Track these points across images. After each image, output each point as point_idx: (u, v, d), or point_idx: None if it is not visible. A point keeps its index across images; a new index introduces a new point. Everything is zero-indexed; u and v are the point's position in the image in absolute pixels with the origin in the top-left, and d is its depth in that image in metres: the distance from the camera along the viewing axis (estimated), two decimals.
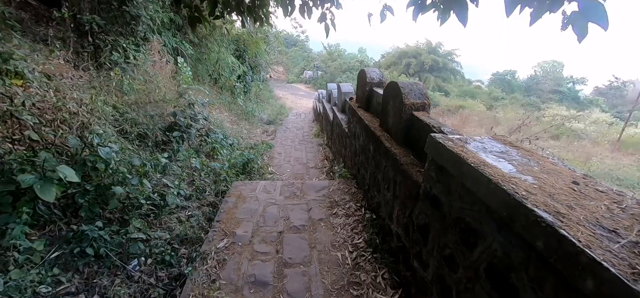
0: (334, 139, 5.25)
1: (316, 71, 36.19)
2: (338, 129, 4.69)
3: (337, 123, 4.86)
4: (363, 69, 3.24)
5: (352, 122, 3.56)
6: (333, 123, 5.38)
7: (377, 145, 2.46)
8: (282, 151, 6.22)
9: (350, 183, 3.31)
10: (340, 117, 4.63)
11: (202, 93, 6.26)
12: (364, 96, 3.24)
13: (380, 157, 2.40)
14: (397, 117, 2.22)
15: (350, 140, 3.69)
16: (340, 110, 4.88)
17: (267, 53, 13.74)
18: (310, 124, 10.80)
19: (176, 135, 3.95)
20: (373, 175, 2.63)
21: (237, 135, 7.68)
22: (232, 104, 10.04)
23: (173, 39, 6.49)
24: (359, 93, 3.48)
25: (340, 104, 4.85)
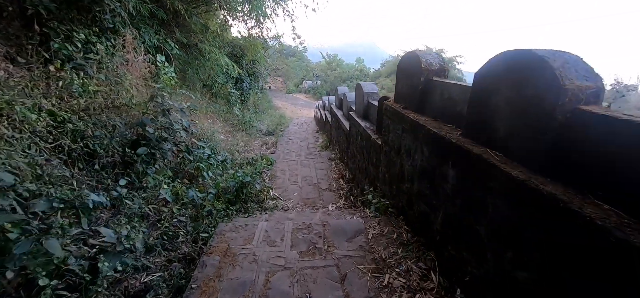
0: (353, 153, 4.15)
1: (315, 81, 35.49)
2: (361, 140, 3.60)
3: (358, 133, 3.77)
4: (411, 52, 2.18)
5: (392, 131, 2.47)
6: (350, 133, 4.28)
7: (472, 170, 1.37)
8: (286, 167, 5.10)
9: (396, 223, 2.19)
10: (362, 124, 3.54)
11: (186, 98, 5.17)
12: (414, 92, 2.16)
13: (481, 191, 1.30)
14: (532, 120, 1.13)
15: (389, 157, 2.59)
16: (362, 117, 3.79)
17: (265, 59, 12.76)
18: (315, 134, 9.72)
19: (143, 153, 2.83)
20: (456, 220, 1.52)
21: (232, 149, 6.56)
22: (227, 114, 8.96)
23: (155, 36, 5.44)
24: (402, 89, 2.40)
25: (362, 109, 3.77)
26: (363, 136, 3.47)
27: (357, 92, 4.00)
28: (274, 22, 8.59)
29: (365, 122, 3.61)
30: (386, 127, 2.61)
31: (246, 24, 9.25)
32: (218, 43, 7.14)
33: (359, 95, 3.90)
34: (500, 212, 1.21)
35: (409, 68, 2.26)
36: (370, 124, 3.50)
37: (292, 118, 17.45)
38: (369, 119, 3.66)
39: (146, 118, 2.98)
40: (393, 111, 2.41)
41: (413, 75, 2.17)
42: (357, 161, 3.90)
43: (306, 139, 8.48)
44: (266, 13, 7.79)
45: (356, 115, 4.03)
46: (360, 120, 3.74)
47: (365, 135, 3.32)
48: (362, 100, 3.74)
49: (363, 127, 3.46)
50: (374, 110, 3.48)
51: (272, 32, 9.72)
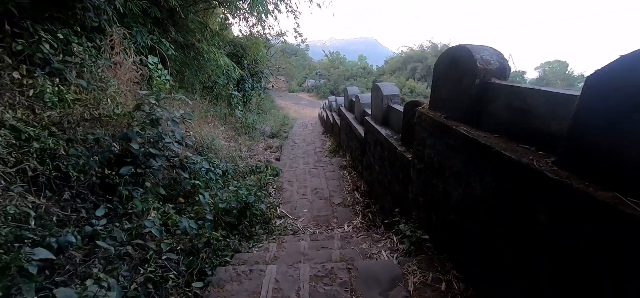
0: (369, 162, 3.68)
1: (318, 79, 35.00)
2: (380, 150, 3.12)
3: (376, 141, 3.29)
4: (459, 47, 1.69)
5: (429, 145, 1.99)
6: (366, 141, 3.80)
7: (599, 228, 0.89)
8: (293, 178, 4.63)
9: (441, 266, 1.71)
10: (382, 132, 3.05)
11: (183, 104, 4.72)
12: (463, 98, 1.67)
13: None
14: None
15: (425, 177, 2.11)
16: (381, 123, 3.31)
17: (268, 58, 12.30)
18: (321, 136, 9.25)
19: (127, 173, 2.38)
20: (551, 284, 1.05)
21: (234, 155, 6.11)
22: (229, 116, 8.53)
23: (149, 35, 5.00)
24: (443, 93, 1.91)
25: (380, 114, 3.28)
26: (384, 146, 2.98)
27: (373, 94, 3.51)
28: (276, 19, 8.11)
29: (386, 129, 3.13)
30: (420, 140, 2.13)
31: (247, 21, 8.80)
32: (217, 42, 6.68)
33: (376, 97, 3.41)
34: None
35: (454, 67, 1.77)
36: (392, 132, 3.01)
37: (296, 118, 17.01)
38: (390, 125, 3.17)
39: (131, 131, 2.53)
40: (432, 121, 1.92)
41: (462, 77, 1.68)
42: (375, 173, 3.42)
43: (312, 142, 8.01)
44: (268, 9, 7.31)
45: (373, 120, 3.54)
46: (378, 127, 3.25)
47: (388, 145, 2.84)
48: (381, 103, 3.25)
49: (384, 136, 2.97)
50: (396, 116, 2.99)
51: (274, 29, 9.25)
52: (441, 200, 1.85)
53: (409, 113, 2.50)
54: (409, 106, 2.45)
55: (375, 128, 3.31)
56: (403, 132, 2.67)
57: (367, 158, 3.80)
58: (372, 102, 3.63)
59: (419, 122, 2.13)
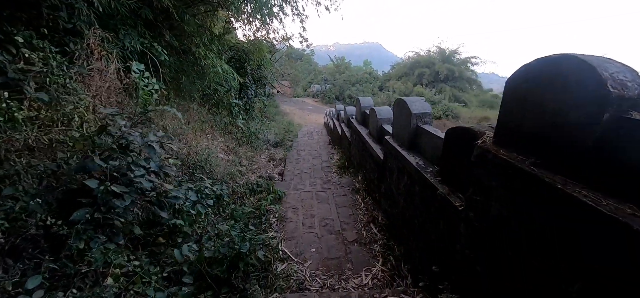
0: (390, 192, 3.05)
1: (324, 84, 34.54)
2: (409, 182, 2.50)
3: (402, 170, 2.67)
4: (573, 57, 1.08)
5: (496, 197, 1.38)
6: (387, 166, 3.18)
7: None
8: (298, 202, 4.02)
9: None
10: (412, 161, 2.43)
11: (171, 118, 4.16)
12: (577, 138, 1.06)
13: None
14: None
15: (491, 242, 1.49)
16: (408, 146, 2.68)
17: (272, 63, 11.80)
18: (327, 147, 8.64)
19: (80, 219, 1.80)
20: None
21: (233, 171, 5.53)
22: (230, 126, 7.98)
23: (139, 39, 4.47)
24: (524, 125, 1.28)
25: (407, 135, 2.66)
26: (414, 179, 2.36)
27: (397, 110, 2.89)
28: (281, 22, 7.58)
29: (415, 157, 2.50)
30: (480, 187, 1.50)
31: (251, 25, 8.29)
32: (217, 47, 6.15)
33: (400, 115, 2.79)
34: None
35: (556, 89, 1.14)
36: (424, 162, 2.38)
37: (301, 125, 16.46)
38: (421, 151, 2.55)
39: (90, 161, 1.94)
40: (506, 165, 1.30)
41: (573, 105, 1.06)
42: (398, 206, 2.79)
43: (319, 155, 7.40)
44: (273, 11, 6.79)
45: (397, 142, 2.91)
46: (404, 152, 2.63)
47: (421, 179, 2.21)
48: (407, 123, 2.63)
49: (414, 166, 2.34)
50: (430, 142, 2.37)
51: (279, 33, 8.73)
52: (528, 287, 1.21)
53: (454, 143, 1.88)
54: (456, 135, 1.83)
55: (399, 153, 2.68)
56: (443, 166, 2.04)
57: (387, 186, 3.17)
58: (395, 119, 3.01)
59: (480, 162, 1.50)
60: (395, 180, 2.86)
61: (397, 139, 2.95)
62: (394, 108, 2.98)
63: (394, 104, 2.99)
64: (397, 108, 2.91)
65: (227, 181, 5.09)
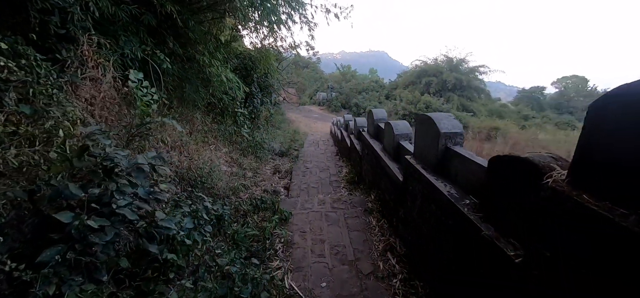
0: (411, 217, 2.69)
1: (330, 92, 34.41)
2: (439, 214, 2.15)
3: (428, 197, 2.32)
4: None
5: None
6: (408, 189, 2.82)
7: None
8: (306, 224, 3.67)
9: None
10: (443, 191, 2.08)
11: (172, 129, 3.90)
12: None
13: None
14: None
15: None
16: (434, 170, 2.33)
17: (279, 71, 11.59)
18: (335, 158, 8.31)
19: (49, 260, 1.49)
20: None
21: (237, 185, 5.23)
22: (234, 135, 7.72)
23: (140, 46, 4.25)
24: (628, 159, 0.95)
25: (434, 157, 2.31)
26: (446, 210, 2.00)
27: (422, 127, 2.55)
28: (290, 29, 7.34)
29: (446, 184, 2.15)
30: (553, 243, 1.15)
31: (258, 33, 8.09)
32: (222, 54, 5.92)
33: (426, 133, 2.44)
34: None
35: None
36: (458, 191, 2.03)
37: (307, 133, 16.20)
38: (452, 177, 2.19)
39: (65, 188, 1.64)
40: (605, 222, 0.95)
41: None
42: (423, 237, 2.43)
43: (327, 168, 7.06)
44: (281, 19, 6.56)
45: (421, 164, 2.56)
46: (431, 177, 2.28)
47: (456, 214, 1.86)
48: (434, 143, 2.28)
49: (445, 196, 1.99)
50: (465, 168, 2.02)
51: (287, 41, 8.49)
52: None
53: (503, 174, 1.52)
54: (506, 165, 1.48)
55: (425, 177, 2.33)
56: (486, 201, 1.69)
57: (407, 211, 2.81)
58: (419, 137, 2.66)
59: (552, 209, 1.15)
60: (418, 208, 2.50)
61: (420, 160, 2.60)
62: (416, 124, 2.64)
63: (416, 120, 2.65)
64: (420, 125, 2.56)
65: (230, 196, 4.79)
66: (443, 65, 31.07)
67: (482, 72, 30.72)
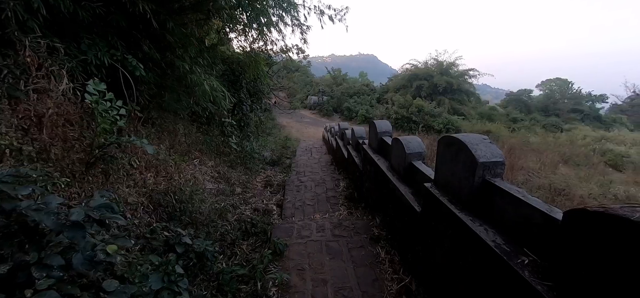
0: (433, 259, 2.22)
1: (321, 96, 34.02)
2: (478, 266, 1.68)
3: (465, 243, 1.85)
4: None
5: None
6: (431, 227, 2.35)
7: None
8: (304, 258, 3.15)
9: None
10: (489, 241, 1.61)
11: (139, 154, 3.33)
12: None
13: None
14: None
15: None
16: (466, 207, 1.86)
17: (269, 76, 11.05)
18: (330, 168, 7.82)
19: None
20: None
21: (223, 206, 4.65)
22: (222, 146, 7.13)
23: (108, 51, 3.66)
24: None
25: (467, 191, 1.84)
26: (495, 270, 1.53)
27: (449, 152, 2.07)
28: (281, 32, 6.84)
29: (488, 230, 1.68)
30: None
31: (247, 36, 7.54)
32: (206, 60, 5.36)
33: (456, 160, 1.97)
34: None
35: None
36: (500, 236, 1.58)
37: (299, 139, 15.68)
38: (493, 219, 1.73)
39: None
40: None
41: None
42: (457, 291, 1.95)
43: (322, 181, 6.55)
44: (272, 21, 6.06)
45: (447, 197, 2.09)
46: (465, 217, 1.81)
47: (511, 276, 1.39)
48: (469, 174, 1.81)
49: (491, 248, 1.53)
50: (511, 208, 1.56)
51: (278, 44, 7.99)
52: None
53: (593, 238, 1.06)
54: (599, 225, 1.02)
55: (457, 217, 1.86)
56: (561, 266, 1.22)
57: (428, 250, 2.34)
58: (443, 164, 2.18)
59: None
60: (446, 252, 2.03)
61: (445, 191, 2.13)
62: (440, 147, 2.17)
63: (441, 143, 2.19)
64: (446, 148, 2.10)
65: (215, 221, 4.21)
66: (433, 68, 31.20)
67: (472, 76, 30.99)
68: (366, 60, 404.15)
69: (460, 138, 1.91)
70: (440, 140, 2.19)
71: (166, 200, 3.61)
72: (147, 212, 3.41)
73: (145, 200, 3.51)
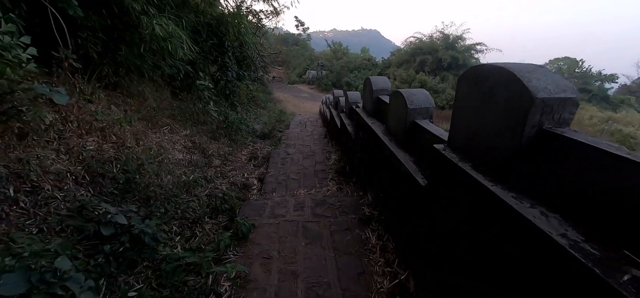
0: (445, 247, 1.53)
1: (320, 70, 32.70)
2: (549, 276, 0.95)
3: (514, 238, 1.13)
4: None
5: None
6: (443, 204, 1.64)
7: None
8: (274, 244, 2.49)
9: None
10: (555, 235, 0.89)
11: (82, 108, 2.60)
12: None
13: None
14: None
15: None
16: (506, 180, 1.13)
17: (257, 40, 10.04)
18: (323, 141, 7.10)
19: None
20: None
21: (192, 179, 3.98)
22: (202, 114, 6.37)
23: None
24: None
25: (508, 155, 1.11)
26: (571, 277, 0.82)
27: (480, 92, 1.33)
28: None
29: (551, 217, 0.96)
30: None
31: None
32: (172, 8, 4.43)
33: (493, 101, 1.24)
34: None
35: None
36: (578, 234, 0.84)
37: (294, 113, 14.86)
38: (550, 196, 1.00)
39: None
40: None
41: None
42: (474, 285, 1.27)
43: (312, 154, 5.85)
44: None
45: (471, 165, 1.37)
46: (505, 195, 1.09)
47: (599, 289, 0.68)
48: (519, 114, 1.08)
49: (558, 246, 0.81)
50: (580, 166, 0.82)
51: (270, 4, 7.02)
52: None
53: None
54: None
55: (494, 196, 1.15)
56: None
57: (437, 235, 1.66)
58: (464, 116, 1.45)
59: None
60: (471, 246, 1.33)
61: (467, 155, 1.40)
62: (464, 87, 1.42)
63: (461, 79, 1.43)
64: (473, 88, 1.34)
65: (180, 195, 3.54)
66: (438, 42, 29.62)
67: (479, 51, 29.46)
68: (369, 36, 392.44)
69: (503, 65, 1.16)
70: (462, 77, 1.43)
71: (105, 170, 2.91)
72: (80, 185, 2.73)
73: (81, 170, 2.81)
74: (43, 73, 3.21)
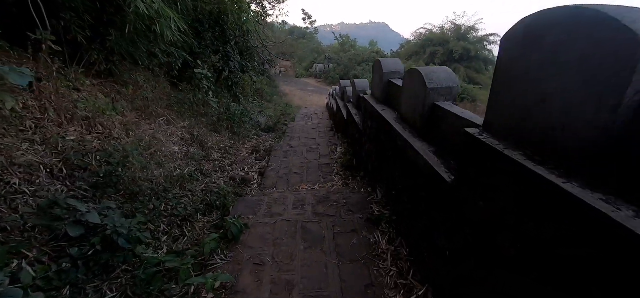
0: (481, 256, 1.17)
1: (327, 63, 32.12)
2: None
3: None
4: None
5: None
6: (478, 206, 1.27)
7: None
8: (268, 247, 2.17)
9: None
10: None
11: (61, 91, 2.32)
12: None
13: None
14: None
15: None
16: (589, 177, 0.75)
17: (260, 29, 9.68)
18: (329, 134, 6.74)
19: None
20: None
21: (187, 173, 3.70)
22: (202, 106, 6.10)
23: None
24: None
25: (588, 130, 0.72)
26: None
27: (539, 50, 0.95)
28: None
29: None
30: None
31: None
32: None
33: (568, 61, 0.84)
34: None
35: None
36: None
37: (300, 106, 14.50)
38: None
39: None
40: None
41: None
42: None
43: (317, 147, 5.50)
44: None
45: (521, 152, 1.00)
46: (582, 194, 0.72)
47: None
48: (612, 80, 0.69)
49: None
50: None
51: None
52: None
53: None
54: None
55: (567, 195, 0.78)
56: None
57: (463, 245, 1.30)
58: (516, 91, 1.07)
59: None
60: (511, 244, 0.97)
61: (517, 141, 1.04)
62: (511, 48, 1.05)
63: (504, 40, 1.06)
64: (525, 50, 0.97)
65: (171, 190, 3.26)
66: (449, 33, 28.64)
67: (492, 42, 28.33)
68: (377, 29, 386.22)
69: (577, 6, 0.78)
70: (505, 37, 1.06)
71: (85, 162, 2.63)
72: (57, 178, 2.46)
73: (58, 162, 2.55)
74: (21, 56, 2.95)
